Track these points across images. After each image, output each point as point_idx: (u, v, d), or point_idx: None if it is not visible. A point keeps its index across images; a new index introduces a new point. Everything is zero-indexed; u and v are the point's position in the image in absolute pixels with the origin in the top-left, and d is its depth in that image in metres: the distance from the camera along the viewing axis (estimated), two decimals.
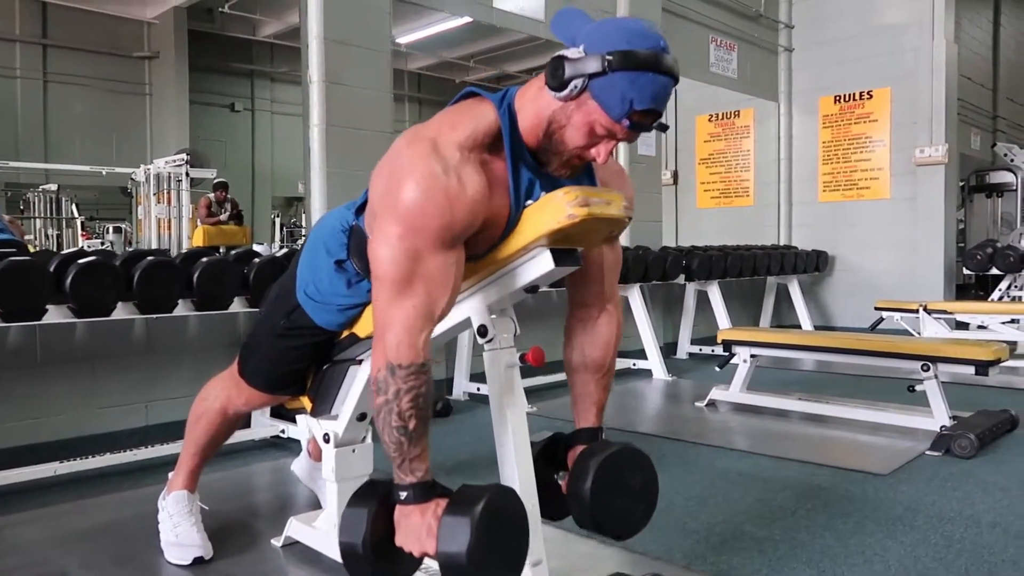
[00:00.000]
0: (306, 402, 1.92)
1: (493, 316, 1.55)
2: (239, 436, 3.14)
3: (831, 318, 7.04)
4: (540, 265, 1.43)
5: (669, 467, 2.87)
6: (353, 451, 1.95)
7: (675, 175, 7.86)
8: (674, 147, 7.86)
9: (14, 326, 2.81)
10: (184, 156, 9.34)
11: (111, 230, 10.32)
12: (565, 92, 1.33)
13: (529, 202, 1.43)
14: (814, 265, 6.62)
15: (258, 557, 2.06)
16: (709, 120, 7.61)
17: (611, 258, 1.66)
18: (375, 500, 1.38)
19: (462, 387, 4.22)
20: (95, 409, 3.02)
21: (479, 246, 1.44)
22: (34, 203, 10.91)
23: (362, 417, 1.90)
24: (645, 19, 1.40)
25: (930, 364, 3.19)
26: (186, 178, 9.30)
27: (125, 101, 12.58)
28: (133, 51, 12.54)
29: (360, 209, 1.64)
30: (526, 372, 4.53)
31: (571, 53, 1.33)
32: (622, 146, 5.37)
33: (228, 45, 12.79)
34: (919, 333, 5.24)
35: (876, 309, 5.51)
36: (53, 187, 10.80)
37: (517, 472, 1.52)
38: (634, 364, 4.99)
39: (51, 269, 2.64)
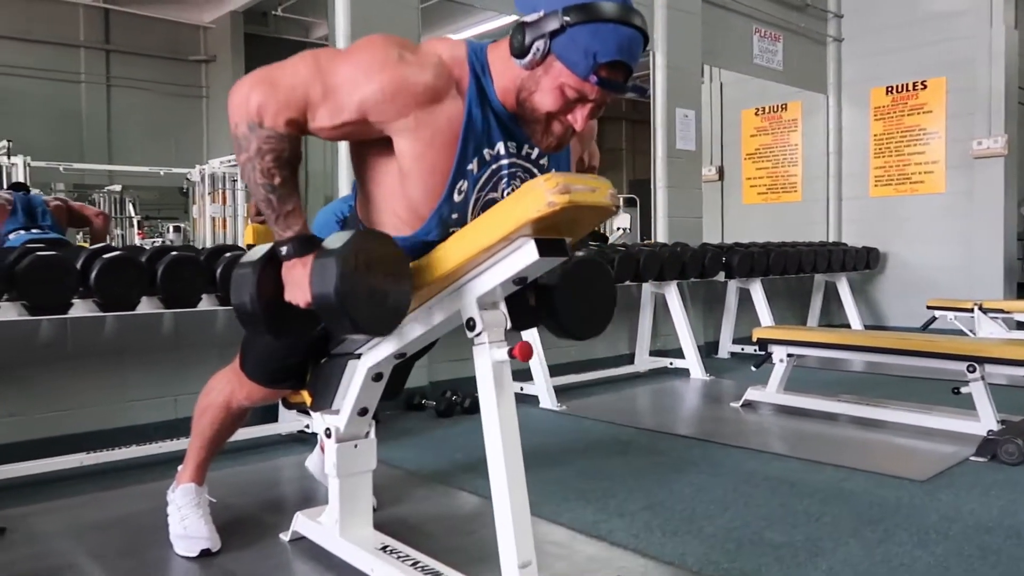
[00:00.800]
0: (306, 396, 1.91)
1: (483, 310, 1.50)
2: (264, 431, 3.17)
3: (883, 317, 6.78)
4: (525, 256, 1.38)
5: (694, 469, 2.79)
6: (355, 446, 1.93)
7: (720, 171, 7.69)
8: (719, 142, 7.69)
9: (45, 320, 2.88)
10: None
11: (171, 229, 10.63)
12: (528, 57, 1.32)
13: (499, 145, 1.44)
14: (864, 262, 6.38)
15: (264, 551, 2.06)
16: (755, 114, 7.42)
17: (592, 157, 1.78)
18: (262, 259, 1.43)
19: None
20: (124, 402, 3.08)
21: (416, 167, 1.42)
22: (99, 204, 11.33)
23: (363, 412, 1.88)
24: None
25: (976, 365, 3.02)
26: (241, 178, 9.49)
27: (183, 104, 12.95)
28: (191, 55, 12.90)
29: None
30: (558, 371, 4.48)
31: (529, 17, 1.32)
32: (660, 141, 5.27)
33: (281, 47, 12.99)
34: (974, 333, 5.00)
35: (928, 308, 5.28)
36: (117, 188, 11.19)
37: (506, 470, 1.47)
38: (671, 363, 4.89)
39: (78, 264, 2.69)
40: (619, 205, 1.39)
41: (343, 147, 3.77)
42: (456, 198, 1.45)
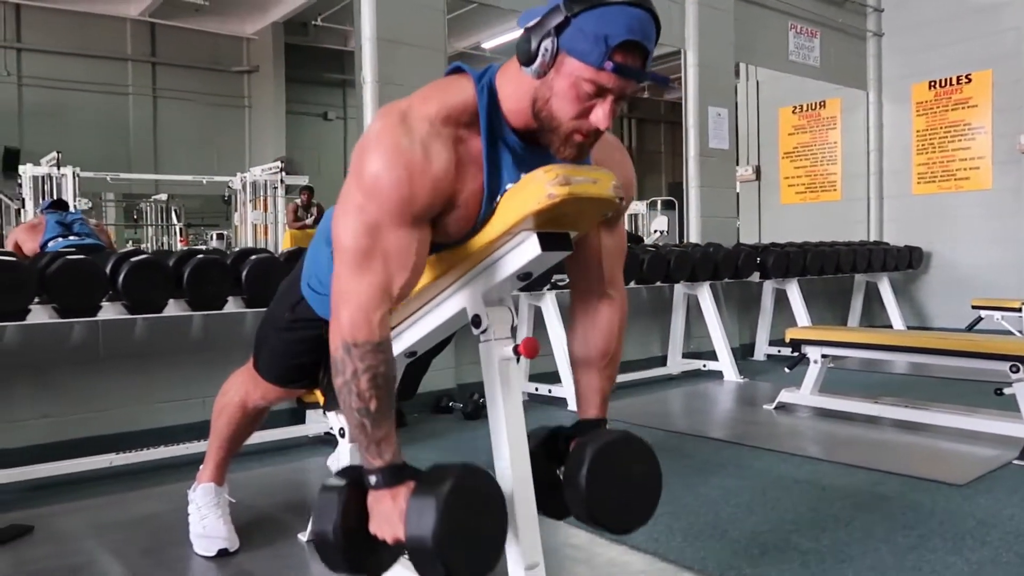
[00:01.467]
0: (319, 396, 1.91)
1: (489, 307, 1.48)
2: (291, 432, 3.19)
3: (927, 318, 6.58)
4: (527, 250, 1.35)
5: (721, 473, 2.72)
6: None
7: (757, 170, 7.55)
8: (756, 141, 7.55)
9: (78, 324, 2.94)
10: (279, 164, 9.72)
11: (214, 236, 10.85)
12: (538, 61, 1.25)
13: (509, 185, 1.35)
14: (906, 262, 6.20)
15: (282, 551, 2.06)
16: (793, 112, 7.27)
17: (611, 243, 1.56)
18: (348, 485, 1.33)
19: (521, 388, 4.15)
20: (154, 404, 3.12)
21: (451, 228, 1.37)
22: (147, 212, 11.64)
23: None
24: None
25: (1020, 365, 2.90)
26: (281, 185, 9.67)
27: (225, 113, 13.24)
28: (233, 66, 13.18)
29: None
30: None
31: (533, 22, 1.26)
32: (692, 140, 5.19)
33: (321, 56, 13.25)
34: (1023, 333, 4.82)
35: (974, 308, 5.11)
36: (163, 197, 11.48)
37: (512, 470, 1.44)
38: (704, 365, 4.80)
39: (107, 269, 2.74)
40: (623, 197, 1.35)
41: None
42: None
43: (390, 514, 1.28)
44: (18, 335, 2.86)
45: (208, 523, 2.04)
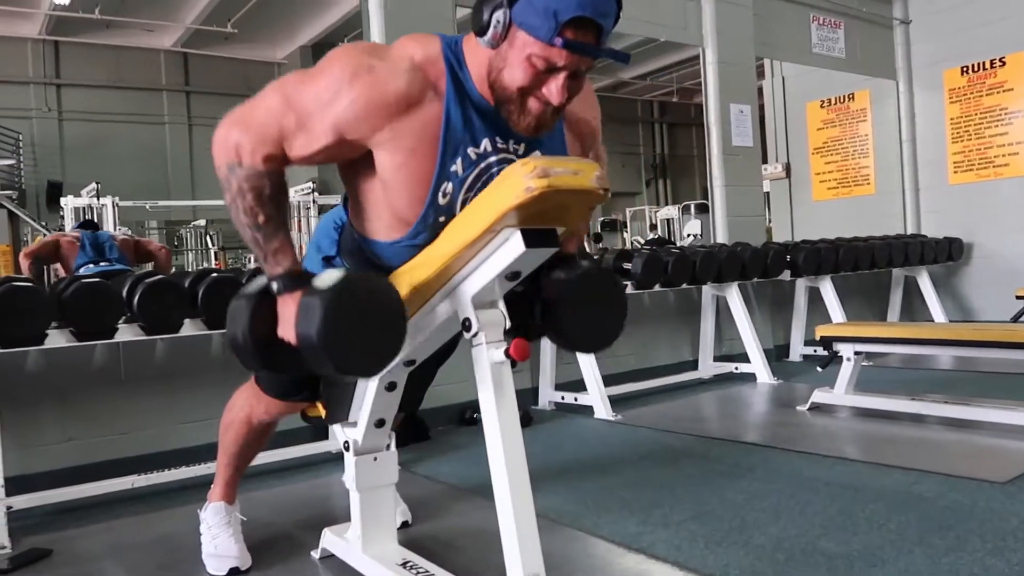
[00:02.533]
0: (321, 409, 1.88)
1: (480, 310, 1.43)
2: (314, 448, 3.17)
3: (971, 311, 6.34)
4: (512, 249, 1.31)
5: (748, 476, 2.63)
6: (375, 459, 1.88)
7: (787, 167, 7.39)
8: (784, 138, 7.40)
9: (99, 347, 2.97)
10: (311, 184, 9.84)
11: (251, 259, 11.01)
12: (490, 32, 1.24)
13: (470, 150, 1.36)
14: (946, 254, 5.99)
15: (294, 569, 2.03)
16: (821, 106, 7.11)
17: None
18: (257, 293, 1.41)
19: (547, 396, 4.09)
20: (176, 424, 3.13)
21: (402, 178, 1.37)
22: (186, 238, 11.90)
23: (380, 423, 1.83)
24: None
25: None
26: (314, 205, 9.79)
27: None
28: None
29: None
30: (617, 380, 4.35)
31: None
32: (714, 138, 5.09)
33: None
34: None
35: (1018, 298, 4.90)
36: (201, 223, 11.72)
37: (508, 477, 1.39)
38: (736, 368, 4.68)
39: (123, 291, 2.76)
40: (608, 188, 1.29)
41: None
42: (441, 201, 1.39)
43: (288, 316, 1.35)
44: (42, 360, 2.89)
45: (219, 542, 2.03)
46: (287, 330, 1.36)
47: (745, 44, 5.28)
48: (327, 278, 1.33)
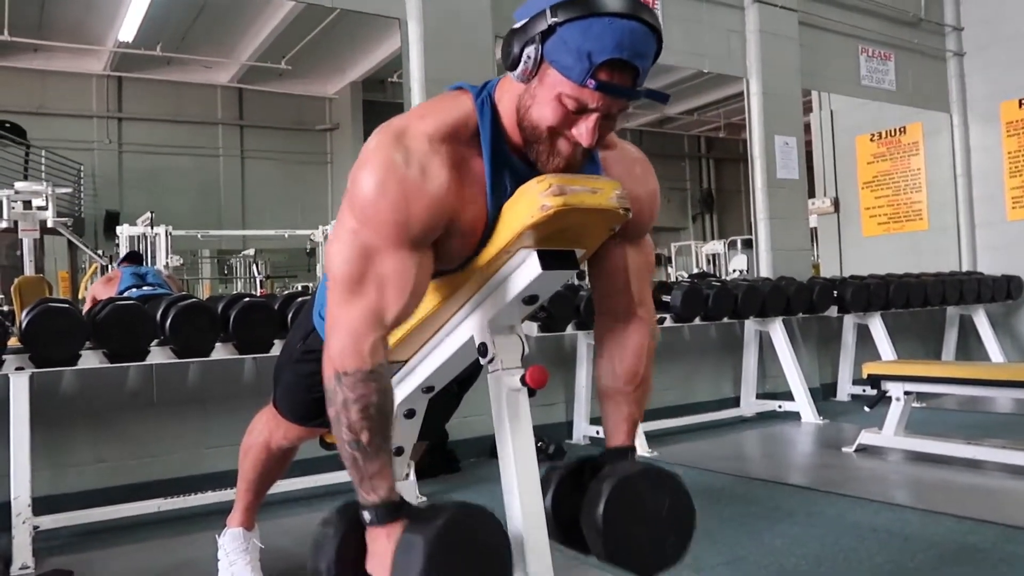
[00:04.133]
0: None
1: (497, 335, 1.38)
2: (339, 477, 3.12)
3: None
4: (528, 271, 1.25)
5: (789, 520, 2.49)
6: None
7: (835, 202, 7.21)
8: (832, 172, 7.24)
9: (133, 369, 2.99)
10: None
11: (299, 288, 11.18)
12: (521, 68, 1.16)
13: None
14: (1004, 292, 5.74)
15: None
16: (871, 140, 6.94)
17: (637, 260, 1.44)
18: (345, 521, 1.26)
19: (581, 430, 4.00)
20: (206, 448, 3.13)
21: (454, 253, 1.29)
22: (236, 268, 12.16)
23: (399, 452, 1.78)
24: None
25: None
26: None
27: (309, 170, 13.74)
28: (316, 125, 13.74)
29: None
30: (654, 416, 4.24)
31: (518, 23, 1.16)
32: (758, 170, 5.00)
33: (396, 111, 13.51)
34: None
35: None
36: (251, 252, 11.97)
37: (522, 506, 1.32)
38: (780, 406, 4.52)
39: (157, 314, 2.78)
40: (629, 208, 1.23)
41: None
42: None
43: (383, 553, 1.20)
44: (77, 381, 2.92)
45: (236, 569, 1.99)
46: (377, 567, 1.22)
47: (790, 75, 5.19)
48: (430, 511, 1.22)
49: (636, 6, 1.12)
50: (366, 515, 1.23)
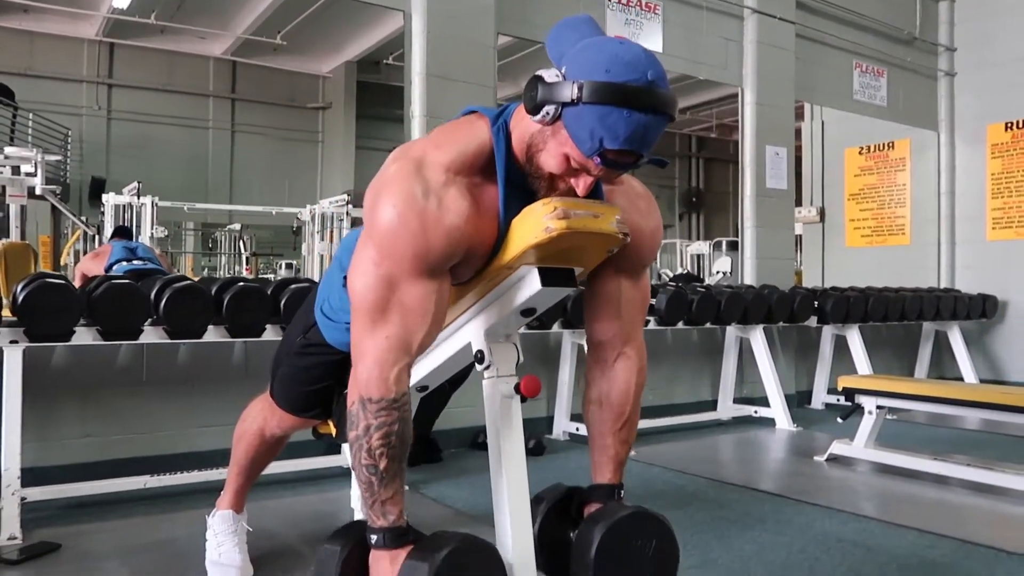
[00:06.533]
0: (332, 427, 1.89)
1: (493, 343, 1.44)
2: (326, 462, 3.17)
3: (1003, 371, 6.20)
4: (528, 286, 1.32)
5: (759, 526, 2.58)
6: None
7: (821, 212, 7.33)
8: (820, 182, 7.35)
9: (124, 347, 3.02)
10: (346, 196, 9.97)
11: (283, 266, 11.15)
12: (539, 116, 1.22)
13: None
14: (979, 311, 5.87)
15: None
16: (859, 153, 7.05)
17: (631, 294, 1.50)
18: (351, 541, 1.32)
19: (562, 426, 4.08)
20: (193, 428, 3.17)
21: (464, 274, 1.36)
22: (221, 241, 12.08)
23: None
24: (642, 46, 1.22)
25: None
26: (347, 217, 9.91)
27: (299, 148, 13.68)
28: (308, 103, 13.66)
29: None
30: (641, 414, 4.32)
31: (548, 75, 1.21)
32: (748, 179, 5.08)
33: (390, 93, 13.56)
34: None
35: None
36: (236, 227, 11.90)
37: (510, 512, 1.39)
38: (755, 412, 4.62)
39: (151, 294, 2.81)
40: (628, 233, 1.30)
41: None
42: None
43: (383, 574, 1.26)
44: (68, 356, 2.95)
45: (224, 551, 2.04)
46: None
47: (785, 87, 5.27)
48: (434, 540, 1.27)
49: (655, 99, 1.16)
50: (373, 537, 1.29)
